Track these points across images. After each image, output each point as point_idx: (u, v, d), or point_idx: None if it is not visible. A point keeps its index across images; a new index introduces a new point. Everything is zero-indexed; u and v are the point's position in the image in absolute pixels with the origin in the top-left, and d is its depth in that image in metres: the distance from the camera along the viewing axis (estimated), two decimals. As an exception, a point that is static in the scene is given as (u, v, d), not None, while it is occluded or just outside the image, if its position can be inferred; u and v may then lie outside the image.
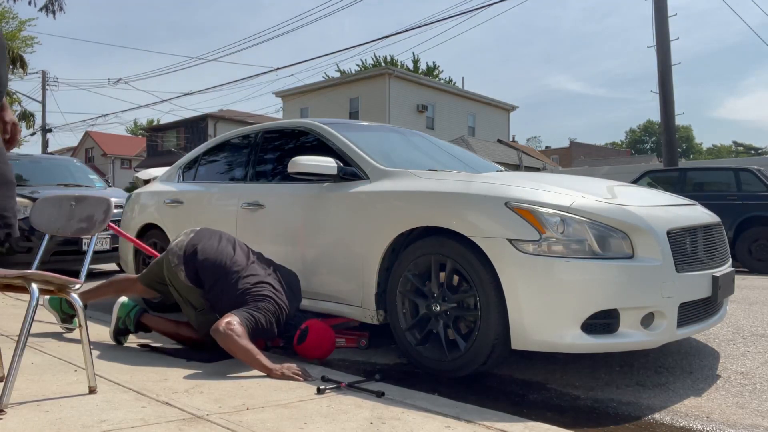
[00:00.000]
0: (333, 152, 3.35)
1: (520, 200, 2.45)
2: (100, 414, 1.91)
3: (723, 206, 7.41)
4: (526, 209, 2.41)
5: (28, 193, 6.00)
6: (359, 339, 3.30)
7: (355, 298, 3.04)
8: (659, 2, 11.78)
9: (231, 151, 4.31)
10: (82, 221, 2.36)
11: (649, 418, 2.19)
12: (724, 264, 2.85)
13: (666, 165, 11.66)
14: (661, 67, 11.74)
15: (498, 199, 2.50)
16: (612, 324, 2.37)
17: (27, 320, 1.90)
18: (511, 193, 2.51)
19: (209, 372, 2.54)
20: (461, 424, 1.91)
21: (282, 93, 30.48)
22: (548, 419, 2.10)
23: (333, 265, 3.16)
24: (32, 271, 1.97)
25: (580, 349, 2.34)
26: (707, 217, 2.91)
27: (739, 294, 5.09)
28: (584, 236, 2.37)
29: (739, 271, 7.68)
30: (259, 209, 3.62)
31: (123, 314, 3.05)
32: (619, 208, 2.49)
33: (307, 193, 3.36)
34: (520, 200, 2.45)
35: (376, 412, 2.02)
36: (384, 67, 28.94)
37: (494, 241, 2.44)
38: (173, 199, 4.38)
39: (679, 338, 2.59)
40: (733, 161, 18.06)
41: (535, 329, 2.35)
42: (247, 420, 1.91)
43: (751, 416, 2.18)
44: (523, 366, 2.90)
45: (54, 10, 14.15)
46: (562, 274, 2.32)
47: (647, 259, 2.40)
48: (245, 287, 2.76)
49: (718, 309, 2.84)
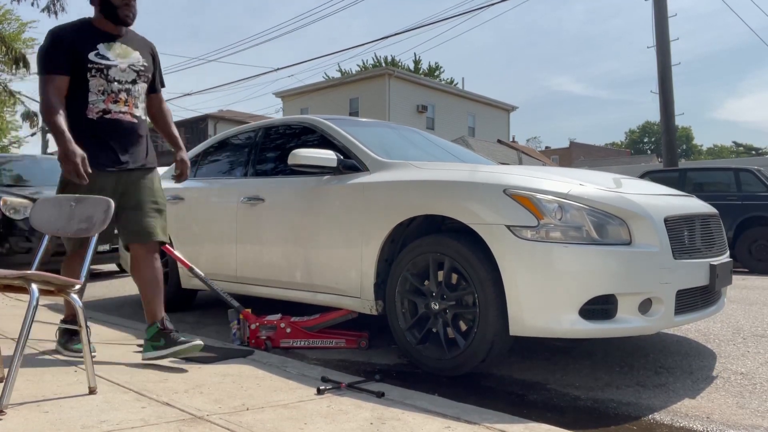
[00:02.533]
0: (333, 146, 3.38)
1: (519, 187, 2.47)
2: (100, 414, 1.91)
3: (723, 206, 7.40)
4: (525, 196, 2.42)
5: (29, 194, 5.99)
6: (359, 339, 3.30)
7: (353, 289, 3.06)
8: (659, 3, 11.79)
9: (232, 147, 4.32)
10: (82, 222, 2.36)
11: (649, 418, 2.19)
12: (721, 254, 2.87)
13: (666, 165, 11.66)
14: (660, 68, 11.75)
15: (496, 187, 2.51)
16: (610, 310, 2.39)
17: (27, 321, 1.90)
18: (509, 180, 2.53)
19: (209, 372, 2.55)
20: (461, 425, 1.91)
21: (282, 93, 30.49)
22: (548, 420, 2.10)
23: (332, 256, 3.17)
24: (32, 271, 1.96)
25: (577, 334, 2.36)
26: (704, 207, 2.93)
27: (739, 294, 5.10)
28: (582, 222, 2.39)
29: (739, 272, 7.68)
30: (259, 203, 3.64)
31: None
32: (617, 195, 2.52)
33: (306, 186, 3.37)
34: (518, 187, 2.47)
35: (376, 412, 2.02)
36: (384, 68, 28.95)
37: (493, 228, 2.45)
38: (174, 195, 4.39)
39: (676, 325, 2.60)
40: (733, 161, 18.06)
41: (533, 315, 2.36)
42: (247, 420, 1.91)
43: (751, 417, 2.18)
44: (523, 366, 2.90)
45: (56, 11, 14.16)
46: (560, 259, 2.34)
47: (645, 245, 2.42)
48: None
49: (716, 299, 2.86)
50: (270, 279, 3.59)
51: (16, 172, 7.06)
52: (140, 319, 4.14)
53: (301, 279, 3.37)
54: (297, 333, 3.26)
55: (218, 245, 3.94)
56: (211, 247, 4.01)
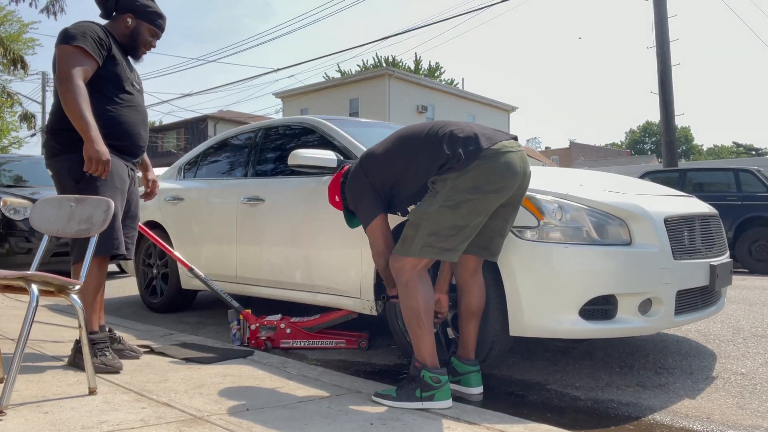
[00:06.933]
0: (333, 147, 3.38)
1: None
2: (100, 415, 1.91)
3: (723, 207, 7.40)
4: (525, 196, 2.42)
5: (28, 194, 5.99)
6: (359, 340, 3.30)
7: (353, 289, 3.06)
8: (659, 3, 11.79)
9: (232, 148, 4.32)
10: (82, 222, 2.36)
11: (649, 418, 2.19)
12: (721, 255, 2.87)
13: (666, 165, 11.66)
14: (660, 68, 11.75)
15: None
16: (610, 310, 2.39)
17: (27, 321, 1.90)
18: None
19: (209, 373, 2.54)
20: (461, 425, 1.91)
21: (282, 94, 30.49)
22: (548, 420, 2.10)
23: (332, 257, 3.17)
24: (32, 272, 1.96)
25: (577, 334, 2.35)
26: (704, 208, 2.93)
27: (739, 294, 5.09)
28: (582, 223, 2.39)
29: (739, 272, 7.68)
30: (259, 204, 3.64)
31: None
32: (617, 195, 2.52)
33: (306, 186, 3.37)
34: None
35: (376, 412, 2.02)
36: (384, 68, 28.94)
37: None
38: (174, 196, 4.39)
39: (676, 326, 2.60)
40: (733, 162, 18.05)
41: (533, 315, 2.35)
42: (247, 420, 1.90)
43: (751, 417, 2.18)
44: (523, 367, 2.90)
45: (55, 12, 14.14)
46: (560, 260, 2.34)
47: (645, 245, 2.42)
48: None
49: (716, 299, 2.86)
50: (270, 279, 3.59)
51: (15, 173, 7.06)
52: (140, 319, 4.14)
53: (301, 279, 3.37)
54: (297, 333, 3.26)
55: (218, 246, 3.94)
56: (211, 248, 4.01)
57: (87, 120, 2.39)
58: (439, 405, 2.07)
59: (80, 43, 2.47)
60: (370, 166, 2.30)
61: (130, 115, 2.67)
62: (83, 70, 2.47)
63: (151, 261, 4.61)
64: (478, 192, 2.04)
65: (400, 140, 2.27)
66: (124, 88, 2.65)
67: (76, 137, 2.45)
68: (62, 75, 2.42)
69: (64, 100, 2.41)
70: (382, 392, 2.17)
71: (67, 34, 2.48)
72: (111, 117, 2.58)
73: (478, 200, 2.04)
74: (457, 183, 2.05)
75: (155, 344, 3.07)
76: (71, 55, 2.45)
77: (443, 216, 2.05)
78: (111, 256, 2.61)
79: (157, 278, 4.56)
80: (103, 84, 2.58)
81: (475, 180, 2.04)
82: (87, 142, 2.38)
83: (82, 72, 2.46)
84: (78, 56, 2.46)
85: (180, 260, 3.65)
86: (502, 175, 2.06)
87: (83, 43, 2.48)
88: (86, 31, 2.52)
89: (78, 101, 2.39)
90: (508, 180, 2.07)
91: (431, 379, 2.08)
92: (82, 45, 2.47)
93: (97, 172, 2.42)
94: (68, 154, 2.53)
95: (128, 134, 2.67)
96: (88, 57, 2.49)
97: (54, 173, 2.61)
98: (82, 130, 2.40)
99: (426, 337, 2.13)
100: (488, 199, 2.06)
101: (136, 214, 2.85)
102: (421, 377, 2.10)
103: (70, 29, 2.51)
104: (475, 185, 2.03)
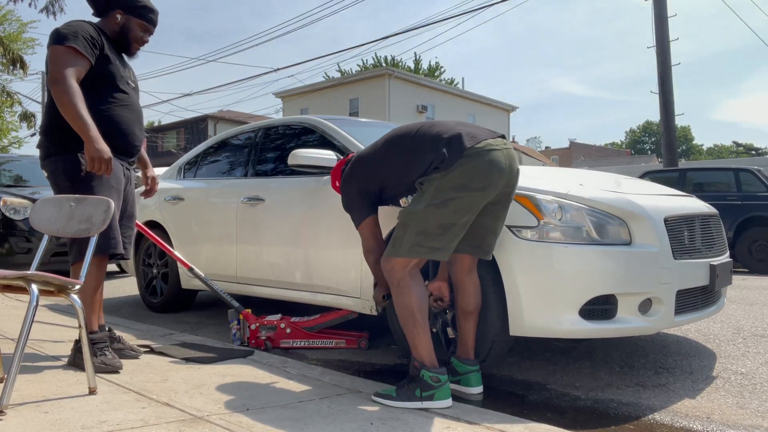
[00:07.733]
0: (333, 146, 3.38)
1: (519, 187, 2.46)
2: (100, 415, 1.91)
3: (723, 206, 7.41)
4: (525, 196, 2.42)
5: (28, 194, 5.99)
6: (359, 340, 3.30)
7: (353, 289, 3.06)
8: (659, 3, 11.79)
9: (232, 148, 4.32)
10: (82, 222, 2.35)
11: (649, 418, 2.19)
12: (721, 255, 2.87)
13: (666, 165, 11.66)
14: (660, 68, 11.75)
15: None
16: (610, 310, 2.39)
17: (27, 321, 1.90)
18: None
19: (209, 372, 2.54)
20: (461, 425, 1.91)
21: (282, 94, 30.49)
22: (548, 420, 2.10)
23: (332, 257, 3.17)
24: (32, 272, 1.96)
25: (578, 334, 2.36)
26: (704, 207, 2.93)
27: (739, 294, 5.09)
28: (582, 222, 2.39)
29: (739, 272, 7.68)
30: (259, 203, 3.64)
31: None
32: (617, 195, 2.52)
33: (306, 186, 3.37)
34: (518, 187, 2.46)
35: (376, 412, 2.02)
36: (384, 68, 28.94)
37: None
38: (174, 196, 4.39)
39: (676, 325, 2.60)
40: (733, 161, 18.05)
41: (533, 315, 2.36)
42: (247, 420, 1.90)
43: (751, 417, 2.18)
44: (523, 366, 2.90)
45: (54, 11, 14.13)
46: (560, 260, 2.33)
47: (645, 245, 2.42)
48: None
49: (716, 299, 2.86)
50: (270, 279, 3.59)
51: (15, 173, 7.06)
52: (139, 319, 4.14)
53: (301, 279, 3.37)
54: (297, 333, 3.26)
55: (218, 245, 3.94)
56: (211, 248, 4.01)
57: (85, 120, 2.39)
58: (439, 405, 2.07)
59: (72, 43, 2.46)
60: (360, 170, 2.33)
61: (125, 114, 2.66)
62: (76, 70, 2.46)
63: (151, 261, 4.61)
64: (463, 190, 2.06)
65: (389, 143, 2.29)
66: (118, 86, 2.64)
67: (71, 137, 2.45)
68: (55, 76, 2.42)
69: (60, 102, 2.40)
70: (382, 392, 2.17)
71: (59, 35, 2.47)
72: (105, 116, 2.57)
73: (464, 198, 2.06)
74: (443, 182, 2.07)
75: (155, 344, 3.07)
76: (63, 55, 2.44)
77: (430, 215, 2.07)
78: (109, 256, 2.61)
79: (157, 278, 4.56)
80: (96, 83, 2.57)
81: (459, 178, 2.05)
82: (87, 142, 2.38)
83: (75, 72, 2.45)
84: (70, 56, 2.45)
85: (180, 260, 3.65)
86: (487, 172, 2.07)
87: (75, 42, 2.47)
88: (78, 31, 2.51)
89: (74, 102, 2.39)
90: (493, 177, 2.08)
91: (431, 379, 2.08)
92: (74, 45, 2.46)
93: (100, 171, 2.42)
94: (63, 154, 2.53)
95: (123, 133, 2.66)
96: (80, 57, 2.48)
97: (49, 174, 2.60)
98: (81, 131, 2.39)
99: (421, 335, 2.13)
100: (473, 196, 2.07)
101: (132, 214, 2.84)
102: (421, 377, 2.10)
103: (62, 29, 2.50)
104: (460, 183, 2.05)
